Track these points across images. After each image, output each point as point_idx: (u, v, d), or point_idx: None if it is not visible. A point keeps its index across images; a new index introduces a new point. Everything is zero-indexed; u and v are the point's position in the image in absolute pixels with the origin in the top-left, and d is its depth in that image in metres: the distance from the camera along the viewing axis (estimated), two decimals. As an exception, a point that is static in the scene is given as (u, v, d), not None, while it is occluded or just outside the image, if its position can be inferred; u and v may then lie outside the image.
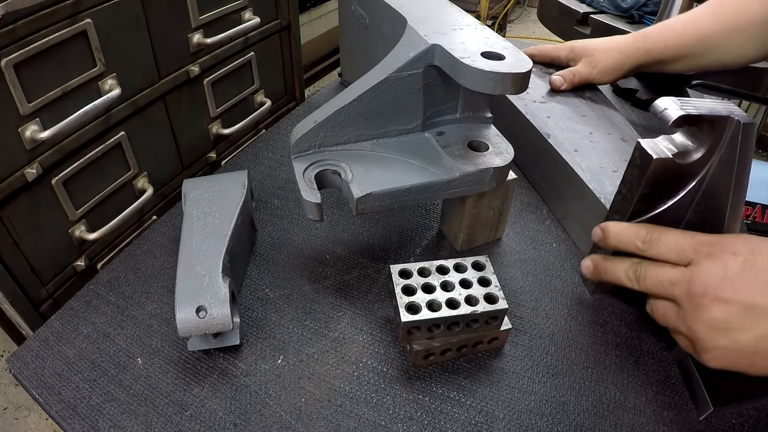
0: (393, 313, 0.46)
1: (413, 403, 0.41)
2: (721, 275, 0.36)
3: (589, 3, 1.30)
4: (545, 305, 0.49)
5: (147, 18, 0.88)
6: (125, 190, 0.95)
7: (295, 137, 0.46)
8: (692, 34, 0.66)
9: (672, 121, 0.37)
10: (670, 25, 0.68)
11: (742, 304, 0.35)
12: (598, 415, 0.41)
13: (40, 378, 0.43)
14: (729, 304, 0.36)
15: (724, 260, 0.36)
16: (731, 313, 0.36)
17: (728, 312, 0.36)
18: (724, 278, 0.36)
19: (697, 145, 0.40)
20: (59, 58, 0.75)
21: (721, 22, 0.64)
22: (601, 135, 0.59)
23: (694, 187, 0.40)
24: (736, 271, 0.36)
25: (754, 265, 0.35)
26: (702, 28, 0.65)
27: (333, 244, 0.55)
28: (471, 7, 2.70)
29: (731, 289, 0.36)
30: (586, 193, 0.52)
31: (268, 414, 0.40)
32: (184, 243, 0.45)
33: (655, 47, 0.67)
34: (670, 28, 0.68)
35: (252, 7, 1.10)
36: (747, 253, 0.36)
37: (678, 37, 0.66)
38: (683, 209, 0.42)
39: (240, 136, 1.23)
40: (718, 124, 0.38)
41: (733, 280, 0.36)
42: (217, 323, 0.40)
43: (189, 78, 1.01)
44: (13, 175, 0.74)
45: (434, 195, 0.46)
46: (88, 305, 0.48)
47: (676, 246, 0.39)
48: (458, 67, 0.41)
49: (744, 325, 0.35)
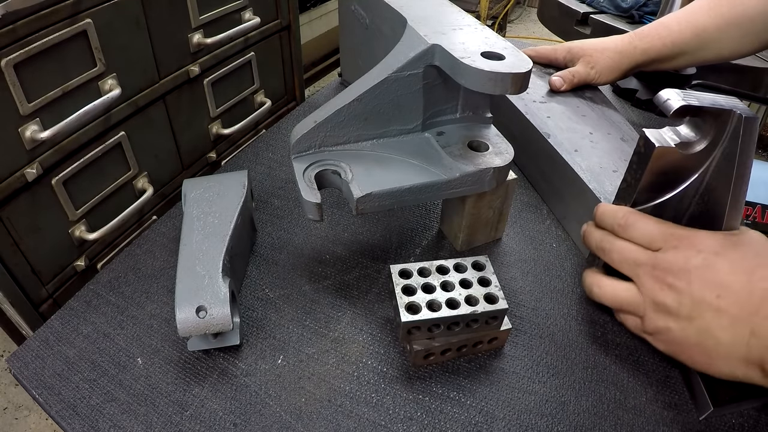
0: (393, 313, 0.46)
1: (413, 403, 0.41)
2: (681, 266, 0.39)
3: (589, 3, 1.30)
4: (545, 305, 0.49)
5: (147, 18, 0.88)
6: (125, 190, 0.95)
7: (295, 137, 0.46)
8: (689, 30, 0.65)
9: (673, 111, 0.38)
10: (666, 23, 0.68)
11: (692, 296, 0.38)
12: (598, 415, 0.41)
13: (40, 378, 0.43)
14: (681, 293, 0.38)
15: (688, 254, 0.39)
16: (682, 302, 0.38)
17: (679, 300, 0.38)
18: (683, 269, 0.39)
19: (700, 137, 0.40)
20: (59, 58, 0.75)
21: (717, 17, 0.64)
22: (601, 135, 0.59)
23: (696, 179, 0.41)
24: (694, 266, 0.38)
25: (712, 265, 0.38)
26: (699, 23, 0.65)
27: (333, 244, 0.55)
28: (471, 7, 2.70)
29: (686, 280, 0.38)
30: (586, 193, 0.52)
31: (268, 414, 0.40)
32: (184, 243, 0.45)
33: (652, 46, 0.67)
34: (665, 25, 0.68)
35: (252, 7, 1.10)
36: (710, 253, 0.38)
37: (674, 34, 0.66)
38: (686, 201, 0.42)
39: (240, 136, 1.23)
40: (720, 117, 0.38)
41: (690, 273, 0.38)
42: (217, 323, 0.40)
43: (189, 78, 1.01)
44: (13, 175, 0.74)
45: (434, 195, 0.46)
46: (88, 305, 0.48)
47: (648, 233, 0.41)
48: (458, 67, 0.41)
49: (690, 316, 0.38)
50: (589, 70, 0.68)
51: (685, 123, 0.41)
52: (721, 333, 0.37)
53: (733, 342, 0.36)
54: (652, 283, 0.40)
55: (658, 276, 0.40)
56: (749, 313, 0.36)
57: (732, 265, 0.38)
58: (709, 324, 0.37)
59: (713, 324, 0.37)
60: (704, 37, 0.65)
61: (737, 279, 0.37)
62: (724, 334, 0.37)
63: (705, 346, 0.38)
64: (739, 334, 0.36)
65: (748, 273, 0.37)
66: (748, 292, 0.36)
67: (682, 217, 0.43)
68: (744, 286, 0.36)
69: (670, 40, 0.66)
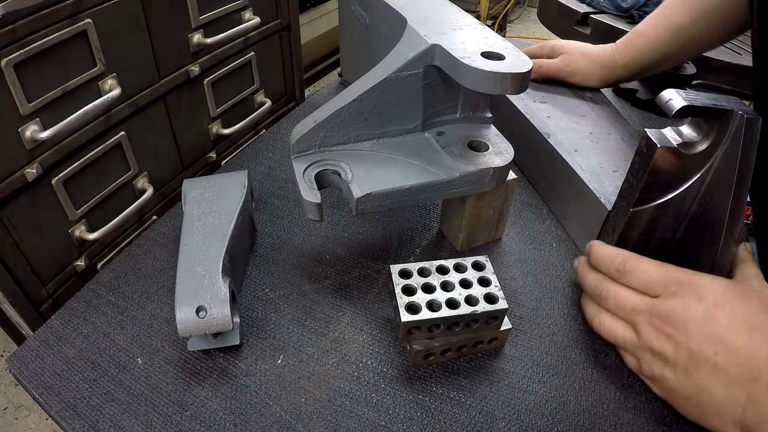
0: (393, 313, 0.46)
1: (413, 403, 0.41)
2: (679, 315, 0.37)
3: (589, 3, 1.30)
4: (545, 305, 0.49)
5: (147, 18, 0.88)
6: (125, 190, 0.95)
7: (295, 137, 0.46)
8: (666, 34, 0.64)
9: (675, 111, 0.38)
10: (642, 32, 0.67)
11: (689, 349, 0.37)
12: (598, 414, 0.41)
13: (40, 378, 0.43)
14: (678, 344, 0.37)
15: (687, 303, 0.38)
16: (679, 353, 0.37)
17: (676, 352, 0.37)
18: (681, 320, 0.37)
19: (702, 137, 0.40)
20: (59, 58, 0.75)
21: (692, 12, 0.63)
22: (601, 135, 0.59)
23: (698, 179, 0.41)
24: (693, 317, 0.37)
25: (711, 317, 0.36)
26: (674, 23, 0.64)
27: (333, 244, 0.55)
28: (471, 7, 2.70)
29: (684, 331, 0.37)
30: (586, 193, 0.52)
31: (268, 414, 0.40)
32: (184, 243, 0.45)
33: (632, 60, 0.67)
34: (642, 35, 0.66)
35: (252, 7, 1.10)
36: (710, 303, 0.37)
37: (652, 41, 0.65)
38: (688, 201, 0.42)
39: (240, 136, 1.23)
40: (722, 117, 0.38)
41: (688, 324, 0.37)
42: (217, 323, 0.40)
43: (189, 78, 1.01)
44: (13, 175, 0.74)
45: (434, 195, 0.46)
46: (88, 305, 0.48)
47: (647, 279, 0.40)
48: (458, 67, 0.41)
49: (687, 368, 0.37)
50: (564, 67, 0.69)
51: (687, 123, 0.41)
52: (716, 390, 0.35)
53: (728, 402, 0.35)
54: (650, 331, 0.39)
55: (655, 324, 0.39)
56: (749, 378, 0.34)
57: (733, 320, 0.36)
58: (705, 380, 0.36)
59: (709, 381, 0.36)
60: (682, 36, 0.64)
61: (738, 336, 0.35)
62: (718, 392, 0.35)
63: (699, 400, 0.37)
64: (735, 396, 0.34)
65: (750, 330, 0.35)
66: (749, 353, 0.34)
67: (684, 218, 0.43)
68: (744, 345, 0.35)
69: (648, 49, 0.65)
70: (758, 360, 0.34)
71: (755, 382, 0.34)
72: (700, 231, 0.43)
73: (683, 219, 0.43)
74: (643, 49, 0.66)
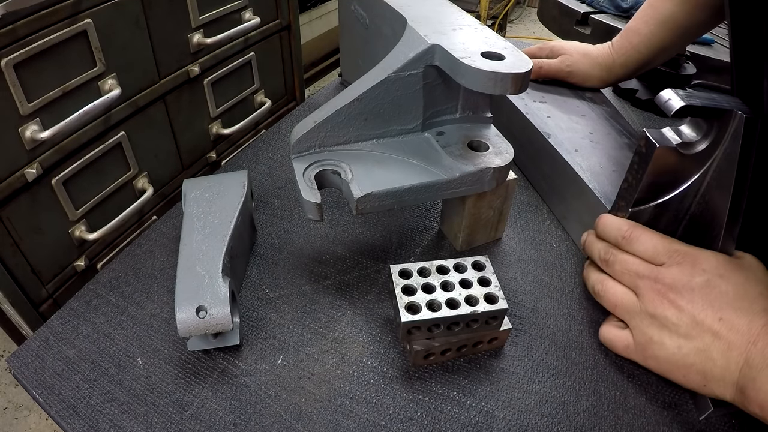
0: (393, 313, 0.46)
1: (413, 403, 0.41)
2: (684, 283, 0.39)
3: (589, 3, 1.30)
4: (545, 305, 0.49)
5: (147, 18, 0.88)
6: (125, 190, 0.95)
7: (295, 137, 0.46)
8: (659, 27, 0.65)
9: (674, 111, 0.38)
10: (636, 28, 0.67)
11: (693, 316, 0.38)
12: (598, 415, 0.41)
13: (40, 378, 0.43)
14: (682, 311, 0.39)
15: (692, 272, 0.39)
16: (682, 319, 0.38)
17: (680, 317, 0.39)
18: (686, 287, 0.39)
19: (701, 137, 0.40)
20: (59, 58, 0.75)
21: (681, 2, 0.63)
22: (601, 135, 0.59)
23: (698, 179, 0.41)
24: (697, 285, 0.38)
25: (715, 287, 0.38)
26: (666, 15, 0.64)
27: (333, 244, 0.55)
28: (471, 7, 2.70)
29: (689, 298, 0.38)
30: (587, 193, 0.52)
31: (268, 414, 0.40)
32: (184, 243, 0.45)
33: (629, 58, 0.67)
34: (636, 31, 0.67)
35: (252, 7, 1.10)
36: (714, 274, 0.39)
37: (647, 37, 0.65)
38: (687, 201, 0.42)
39: (240, 136, 1.23)
40: (722, 117, 0.38)
41: (693, 292, 0.38)
42: (217, 323, 0.40)
43: (189, 78, 1.01)
44: (13, 175, 0.74)
45: (434, 195, 0.46)
46: (88, 305, 0.48)
47: (652, 247, 0.42)
48: (458, 67, 0.41)
49: (689, 334, 0.38)
50: (563, 67, 0.69)
51: (686, 123, 0.41)
52: (719, 356, 0.37)
53: (729, 366, 0.36)
54: (653, 296, 0.40)
55: (659, 290, 0.40)
56: (747, 341, 0.36)
57: (736, 290, 0.38)
58: (708, 346, 0.37)
59: (712, 346, 0.37)
60: (676, 26, 0.64)
61: (740, 305, 0.37)
62: (720, 357, 0.37)
63: (702, 366, 0.38)
64: (735, 359, 0.36)
65: (751, 300, 0.37)
66: (748, 320, 0.36)
67: (683, 217, 0.43)
68: (745, 314, 0.36)
69: (644, 46, 0.66)
70: (757, 327, 0.36)
71: (753, 345, 0.35)
72: (700, 231, 0.43)
73: (682, 219, 0.43)
74: (639, 46, 0.66)
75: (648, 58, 0.67)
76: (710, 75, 0.84)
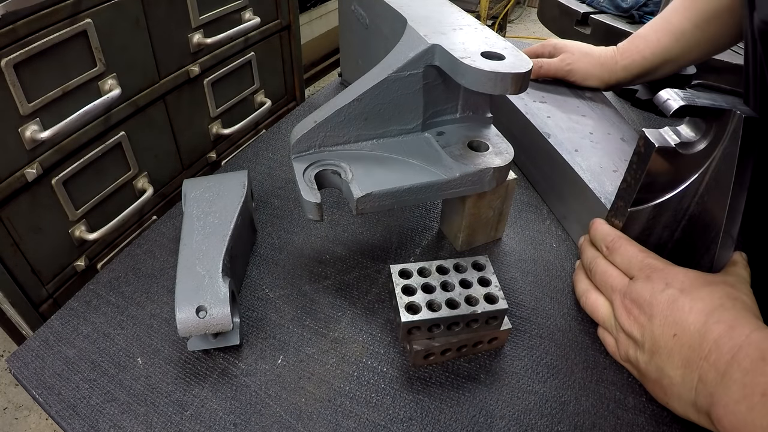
0: (393, 313, 0.46)
1: (413, 403, 0.41)
2: (646, 298, 0.39)
3: (589, 3, 1.30)
4: (545, 305, 0.49)
5: (147, 18, 0.88)
6: (125, 190, 0.95)
7: (295, 137, 0.46)
8: (667, 37, 0.65)
9: (673, 111, 0.38)
10: (644, 34, 0.67)
11: (653, 332, 0.38)
12: (598, 414, 0.41)
13: (40, 378, 0.43)
14: (643, 327, 0.39)
15: (655, 288, 0.39)
16: (645, 335, 0.38)
17: (643, 334, 0.39)
18: (647, 302, 0.39)
19: (700, 137, 0.40)
20: (59, 58, 0.75)
21: (694, 17, 0.63)
22: (601, 135, 0.59)
23: (696, 179, 0.41)
24: (659, 300, 0.38)
25: (674, 302, 0.37)
26: (676, 27, 0.64)
27: (333, 244, 0.55)
28: (471, 7, 2.70)
29: (649, 314, 0.38)
30: (586, 193, 0.52)
31: (268, 414, 0.40)
32: (184, 243, 0.45)
33: (632, 62, 0.67)
34: (643, 37, 0.67)
35: (252, 7, 1.10)
36: (676, 289, 0.38)
37: (653, 44, 0.65)
38: (686, 201, 0.42)
39: (240, 136, 1.23)
40: (720, 117, 0.38)
41: (653, 307, 0.38)
42: (217, 323, 0.40)
43: (189, 78, 1.01)
44: (13, 175, 0.74)
45: (434, 195, 0.46)
46: (88, 305, 0.48)
47: (628, 260, 0.42)
48: (458, 67, 0.41)
49: (651, 350, 0.38)
50: (563, 66, 0.69)
51: (685, 123, 0.41)
52: (674, 373, 0.36)
53: (684, 384, 0.36)
54: (622, 312, 0.41)
55: (627, 306, 0.40)
56: (699, 356, 0.35)
57: (694, 304, 0.36)
58: (665, 362, 0.37)
59: (668, 363, 0.37)
60: (684, 40, 0.64)
61: (695, 319, 0.36)
62: (676, 374, 0.36)
63: (662, 383, 0.38)
64: (689, 377, 0.35)
65: (707, 314, 0.36)
66: (701, 334, 0.35)
67: (682, 218, 0.43)
68: (699, 328, 0.35)
69: (650, 52, 0.66)
70: (708, 341, 0.34)
71: (705, 360, 0.34)
72: (699, 231, 0.43)
73: (681, 219, 0.43)
74: (645, 52, 0.66)
75: (652, 65, 0.66)
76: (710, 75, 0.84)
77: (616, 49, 0.69)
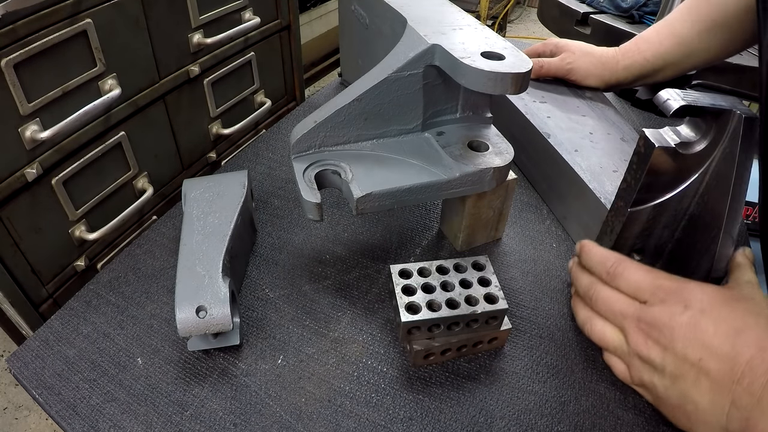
0: (393, 313, 0.46)
1: (413, 403, 0.41)
2: (665, 322, 0.37)
3: (589, 3, 1.30)
4: (545, 305, 0.49)
5: (147, 18, 0.88)
6: (125, 190, 0.95)
7: (295, 137, 0.46)
8: (669, 41, 0.65)
9: (673, 111, 0.38)
10: (647, 37, 0.67)
11: (675, 356, 0.36)
12: (598, 414, 0.41)
13: (40, 378, 0.43)
14: (665, 351, 0.37)
15: (674, 310, 0.37)
16: (665, 360, 0.37)
17: (663, 359, 0.37)
18: (667, 326, 0.37)
19: (700, 137, 0.40)
20: (59, 58, 0.75)
21: (698, 23, 0.63)
22: (601, 135, 0.59)
23: (696, 179, 0.41)
24: (679, 323, 0.37)
25: (696, 324, 0.36)
26: (679, 32, 0.64)
27: (333, 244, 0.55)
28: (471, 7, 2.70)
29: (670, 337, 0.37)
30: (586, 193, 0.52)
31: (268, 414, 0.40)
32: (184, 243, 0.45)
33: (633, 62, 0.67)
34: (646, 39, 0.67)
35: (252, 7, 1.10)
36: (696, 310, 0.37)
37: (655, 47, 0.65)
38: (686, 201, 0.42)
39: (240, 136, 1.23)
40: (720, 117, 0.38)
41: (674, 331, 0.37)
42: (217, 323, 0.40)
43: (189, 78, 1.01)
44: (13, 175, 0.74)
45: (434, 195, 0.46)
46: (88, 305, 0.48)
47: (635, 283, 0.40)
48: (458, 67, 0.41)
49: (674, 375, 0.37)
50: (564, 65, 0.69)
51: (685, 123, 0.41)
52: (701, 398, 0.35)
53: (713, 410, 0.34)
54: (638, 337, 0.39)
55: (643, 329, 0.38)
56: (731, 380, 0.33)
57: (718, 326, 0.35)
58: (690, 387, 0.36)
59: (693, 388, 0.35)
60: (686, 45, 0.64)
61: (721, 342, 0.35)
62: (703, 399, 0.35)
63: (685, 409, 0.36)
64: (719, 402, 0.34)
65: (733, 336, 0.35)
66: (731, 357, 0.34)
67: (682, 218, 0.43)
68: (728, 351, 0.34)
69: (651, 54, 0.66)
70: (740, 364, 0.33)
71: (738, 384, 0.33)
72: (699, 231, 0.43)
73: (681, 219, 0.43)
74: (646, 53, 0.66)
75: (653, 67, 0.66)
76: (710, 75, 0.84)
77: (617, 49, 0.69)
